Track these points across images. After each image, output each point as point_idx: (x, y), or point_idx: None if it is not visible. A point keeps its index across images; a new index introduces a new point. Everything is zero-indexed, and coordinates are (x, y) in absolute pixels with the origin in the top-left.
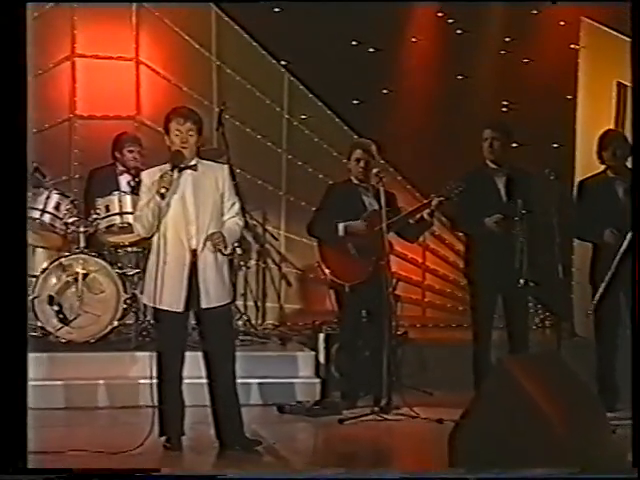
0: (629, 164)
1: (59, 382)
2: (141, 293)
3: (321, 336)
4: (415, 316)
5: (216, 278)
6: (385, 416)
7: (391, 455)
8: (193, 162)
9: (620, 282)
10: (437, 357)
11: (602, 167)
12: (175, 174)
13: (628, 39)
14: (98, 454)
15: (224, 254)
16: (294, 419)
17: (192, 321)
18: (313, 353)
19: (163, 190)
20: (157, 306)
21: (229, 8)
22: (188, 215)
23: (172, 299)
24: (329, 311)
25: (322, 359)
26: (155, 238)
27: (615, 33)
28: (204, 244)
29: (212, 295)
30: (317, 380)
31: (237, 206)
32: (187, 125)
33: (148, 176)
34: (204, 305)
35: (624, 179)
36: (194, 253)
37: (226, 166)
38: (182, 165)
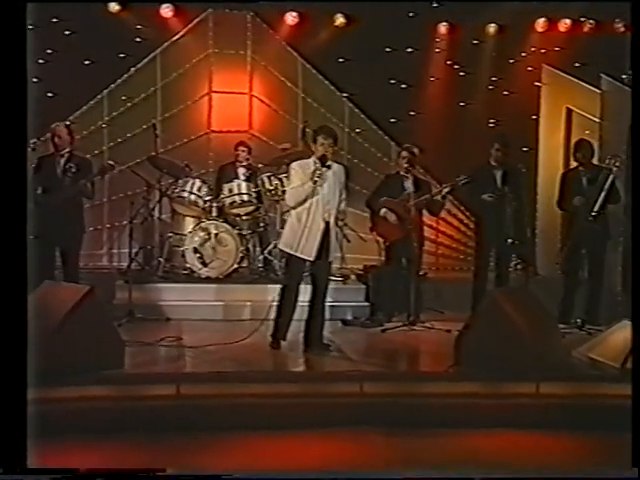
0: (594, 161)
1: (201, 303)
2: (280, 242)
3: (370, 275)
4: (432, 262)
5: (335, 242)
6: (412, 327)
7: (415, 352)
8: (329, 163)
9: (583, 239)
10: (447, 289)
11: (575, 164)
12: (324, 170)
13: (574, 78)
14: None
15: (337, 226)
16: (352, 329)
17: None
18: (364, 286)
19: (317, 179)
20: (296, 254)
21: (311, 58)
22: (325, 198)
23: (309, 251)
24: (374, 259)
25: (371, 290)
26: (300, 210)
27: (564, 75)
28: (334, 219)
29: (333, 253)
30: (367, 304)
31: (345, 194)
32: (330, 141)
33: (299, 166)
34: (330, 259)
35: (589, 172)
36: (327, 224)
37: (343, 167)
38: (327, 164)
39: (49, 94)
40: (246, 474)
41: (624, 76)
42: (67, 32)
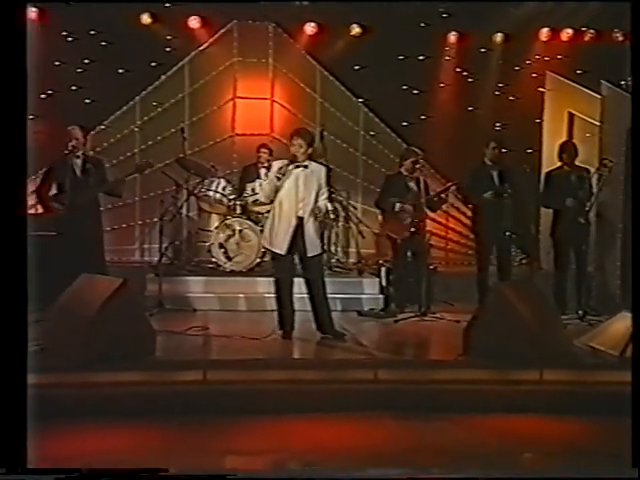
0: (577, 162)
1: (226, 294)
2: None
3: (383, 269)
4: (441, 257)
5: (314, 238)
6: (423, 318)
7: (426, 342)
8: (305, 163)
9: (571, 236)
10: (455, 283)
11: (559, 163)
12: (291, 167)
13: (575, 84)
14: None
15: (319, 220)
16: (367, 319)
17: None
18: (378, 279)
19: (280, 176)
20: (271, 249)
21: (328, 65)
22: (299, 195)
23: (280, 246)
24: (388, 254)
25: (384, 283)
26: (275, 206)
27: (567, 81)
28: (309, 215)
29: (313, 248)
30: (381, 296)
31: (327, 194)
32: (299, 141)
33: (276, 165)
34: (309, 254)
35: (574, 171)
36: (300, 220)
37: (324, 167)
38: (297, 163)
39: (86, 101)
40: (250, 474)
41: (623, 82)
42: (103, 43)
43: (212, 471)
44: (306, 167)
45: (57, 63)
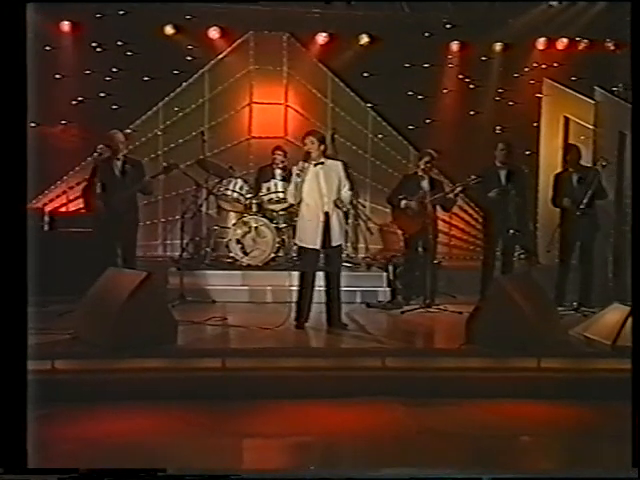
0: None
1: (243, 287)
2: (294, 237)
3: (390, 264)
4: (446, 252)
5: (338, 229)
6: (428, 309)
7: (431, 332)
8: (322, 160)
9: (574, 231)
10: (458, 276)
11: (565, 166)
12: (307, 165)
13: (571, 90)
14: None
15: (343, 211)
16: (375, 311)
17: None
18: (385, 273)
19: (298, 172)
20: (303, 245)
21: (339, 72)
22: (321, 191)
23: (313, 241)
24: (395, 249)
25: (391, 277)
26: (302, 205)
27: (563, 87)
28: (333, 207)
29: (336, 238)
30: (388, 289)
31: (348, 185)
32: (310, 139)
33: (297, 167)
34: (333, 244)
35: (577, 173)
36: (326, 214)
37: (340, 162)
38: (312, 161)
39: (114, 107)
40: (253, 474)
41: (615, 88)
42: (129, 53)
43: (214, 471)
44: (322, 164)
45: (87, 72)
